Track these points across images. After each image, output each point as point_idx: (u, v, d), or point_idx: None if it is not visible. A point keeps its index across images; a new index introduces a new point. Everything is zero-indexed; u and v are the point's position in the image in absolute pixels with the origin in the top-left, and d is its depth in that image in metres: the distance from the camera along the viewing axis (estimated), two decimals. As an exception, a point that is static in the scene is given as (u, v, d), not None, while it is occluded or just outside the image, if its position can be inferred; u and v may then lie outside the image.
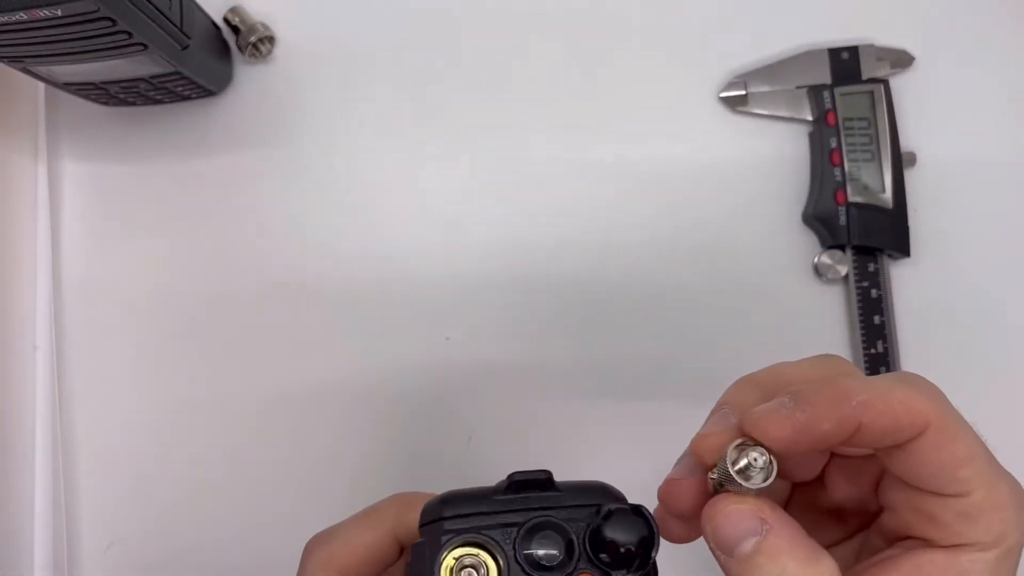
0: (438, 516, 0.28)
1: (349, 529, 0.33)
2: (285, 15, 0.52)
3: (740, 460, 0.26)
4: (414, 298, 0.50)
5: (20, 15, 0.35)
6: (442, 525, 0.28)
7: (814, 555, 0.26)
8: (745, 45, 0.51)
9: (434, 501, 0.29)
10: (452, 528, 0.27)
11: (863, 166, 0.49)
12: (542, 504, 0.28)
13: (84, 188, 0.51)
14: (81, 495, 0.49)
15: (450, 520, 0.28)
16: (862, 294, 0.49)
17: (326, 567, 0.33)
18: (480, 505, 0.28)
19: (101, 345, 0.50)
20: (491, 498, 0.28)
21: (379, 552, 0.33)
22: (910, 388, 0.26)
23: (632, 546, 0.27)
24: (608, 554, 0.27)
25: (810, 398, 0.26)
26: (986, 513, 0.26)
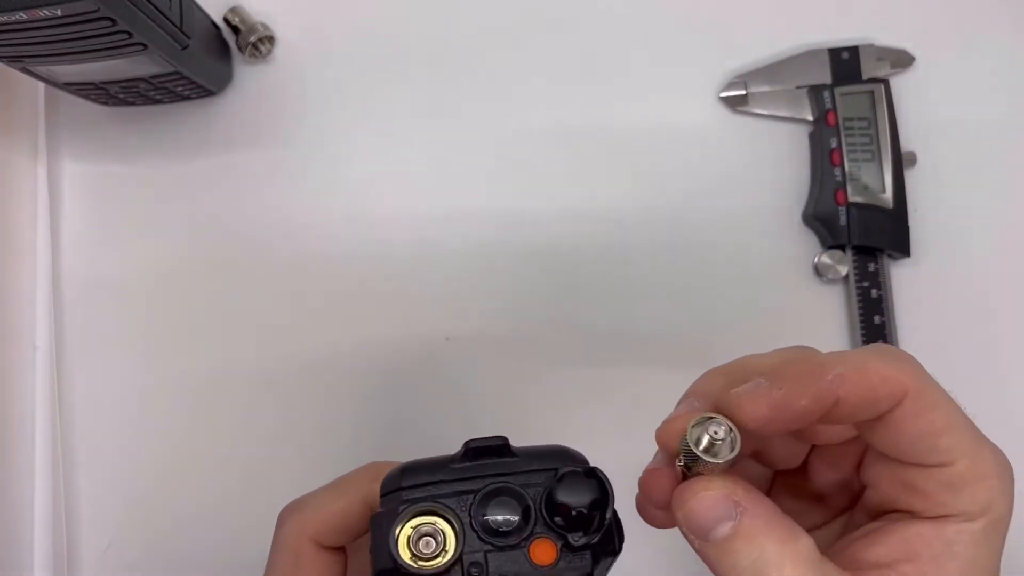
0: (396, 486, 0.28)
1: (321, 497, 0.34)
2: (285, 15, 0.52)
3: (702, 437, 0.26)
4: (414, 297, 0.50)
5: (20, 15, 0.35)
6: (400, 495, 0.28)
7: (792, 534, 0.26)
8: (745, 45, 0.51)
9: (393, 471, 0.29)
10: (409, 498, 0.28)
11: (863, 166, 0.49)
12: (499, 471, 0.28)
13: (84, 188, 0.51)
14: (81, 495, 0.49)
15: (408, 490, 0.28)
16: (862, 294, 0.49)
17: (299, 535, 0.33)
18: (437, 473, 0.28)
19: (100, 344, 0.50)
20: (448, 466, 0.28)
21: (351, 519, 0.33)
22: (885, 358, 0.26)
23: (584, 508, 0.27)
24: (562, 517, 0.27)
25: (786, 375, 0.26)
26: (970, 483, 0.26)
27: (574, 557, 0.27)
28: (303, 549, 0.33)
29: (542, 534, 0.27)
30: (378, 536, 0.28)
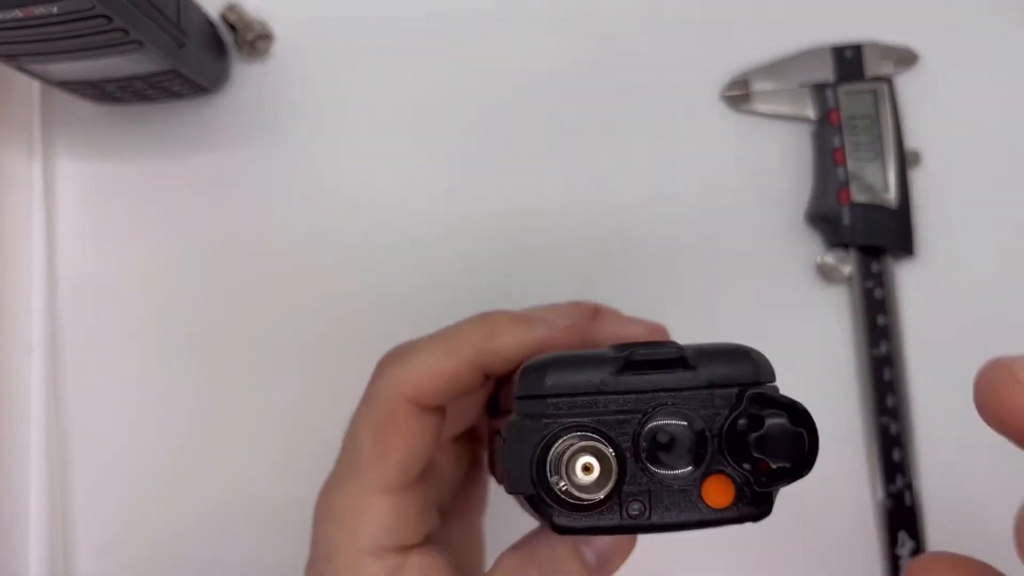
0: (539, 391, 0.24)
1: (427, 353, 0.31)
2: (283, 13, 0.51)
3: None
4: (413, 296, 0.50)
5: (16, 12, 0.34)
6: (545, 405, 0.23)
7: None
8: (747, 43, 0.51)
9: (535, 366, 0.24)
10: (556, 413, 0.23)
11: (867, 165, 0.49)
12: (669, 385, 0.23)
13: (79, 186, 0.51)
14: (77, 499, 0.48)
15: (554, 399, 0.23)
16: (865, 294, 0.49)
17: (396, 392, 0.31)
18: (592, 383, 0.23)
19: (97, 344, 0.50)
20: (606, 374, 0.23)
21: (457, 381, 0.31)
22: None
23: (785, 465, 0.22)
24: (752, 467, 0.22)
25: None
26: None
27: (755, 498, 0.23)
28: (398, 408, 0.31)
29: (719, 470, 0.23)
30: (515, 451, 0.23)
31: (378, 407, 0.32)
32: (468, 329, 0.31)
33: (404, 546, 0.32)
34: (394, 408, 0.31)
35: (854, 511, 0.49)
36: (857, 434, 0.49)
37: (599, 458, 0.22)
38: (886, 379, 0.48)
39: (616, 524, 0.23)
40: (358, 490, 0.32)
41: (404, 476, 0.32)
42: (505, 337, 0.30)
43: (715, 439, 0.23)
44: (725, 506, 0.23)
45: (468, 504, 0.39)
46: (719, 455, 0.23)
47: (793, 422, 0.22)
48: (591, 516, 0.23)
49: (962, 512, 0.48)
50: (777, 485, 0.22)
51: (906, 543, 0.47)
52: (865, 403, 0.48)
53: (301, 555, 0.47)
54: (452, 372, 0.31)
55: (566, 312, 0.33)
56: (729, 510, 0.23)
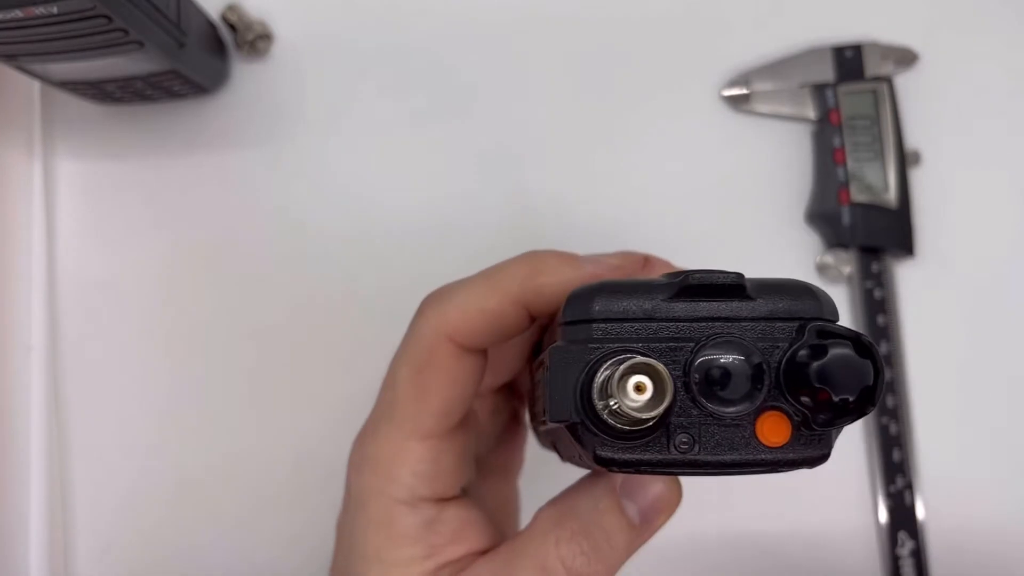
0: (587, 316, 0.22)
1: (469, 291, 0.30)
2: (283, 13, 0.51)
3: None
4: (412, 295, 0.50)
5: (16, 12, 0.34)
6: (591, 330, 0.22)
7: None
8: (748, 43, 0.51)
9: (584, 290, 0.23)
10: (604, 338, 0.22)
11: (867, 165, 0.49)
12: (726, 314, 0.22)
13: (79, 186, 0.51)
14: (77, 500, 0.48)
15: (601, 323, 0.22)
16: (865, 294, 0.49)
17: (437, 331, 0.30)
18: (643, 308, 0.22)
19: (96, 344, 0.50)
20: (658, 301, 0.22)
21: (501, 320, 0.29)
22: None
23: (848, 397, 0.20)
24: (812, 400, 0.21)
25: None
26: None
27: (812, 439, 0.21)
28: (439, 348, 0.30)
29: (775, 406, 0.21)
30: (560, 378, 0.22)
31: (418, 347, 0.30)
32: (512, 267, 0.30)
33: (440, 498, 0.30)
34: (434, 347, 0.30)
35: (854, 511, 0.49)
36: (857, 434, 0.49)
37: (652, 377, 0.20)
38: (887, 380, 0.48)
39: (662, 458, 0.21)
40: (395, 435, 0.30)
41: (443, 421, 0.30)
42: (551, 274, 0.29)
43: (773, 373, 0.21)
44: (780, 445, 0.21)
45: (505, 461, 0.38)
46: (776, 391, 0.21)
47: (859, 353, 0.20)
48: (636, 448, 0.21)
49: (962, 512, 0.48)
50: (838, 423, 0.21)
51: (906, 543, 0.47)
52: (865, 403, 0.48)
53: (304, 555, 0.47)
54: (495, 310, 0.29)
55: (616, 256, 0.32)
56: (784, 450, 0.21)
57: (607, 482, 0.28)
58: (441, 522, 0.30)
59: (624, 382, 0.20)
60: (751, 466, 0.21)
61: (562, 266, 0.29)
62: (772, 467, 0.21)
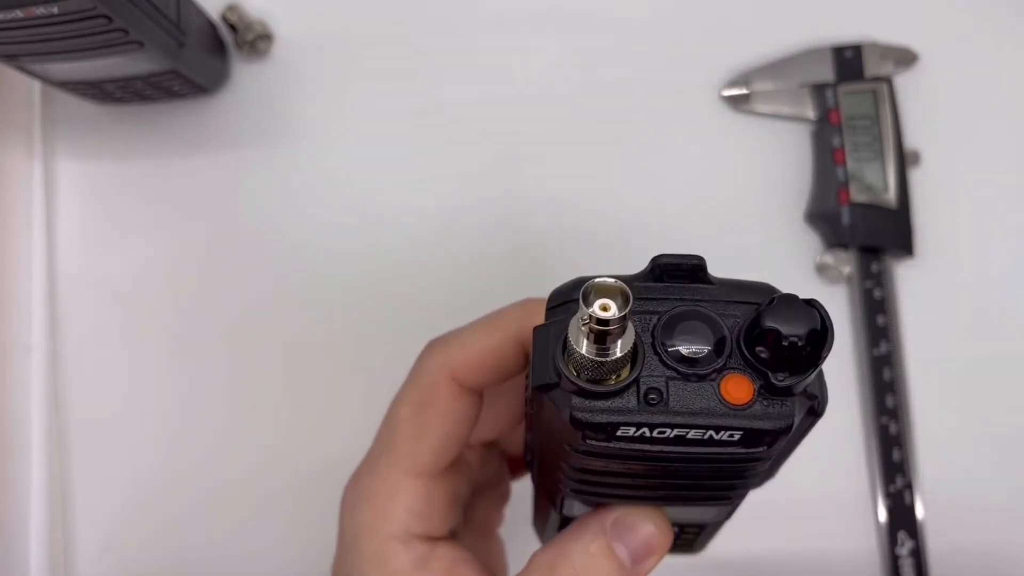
0: (568, 298, 0.24)
1: (470, 332, 0.32)
2: (283, 13, 0.51)
3: None
4: (413, 295, 0.50)
5: (16, 12, 0.34)
6: (570, 307, 0.24)
7: None
8: (748, 43, 0.51)
9: (566, 284, 0.25)
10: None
11: (866, 165, 0.49)
12: (691, 295, 0.24)
13: (79, 186, 0.51)
14: (77, 498, 0.48)
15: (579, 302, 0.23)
16: (865, 294, 0.49)
17: (440, 368, 0.31)
18: None
19: (96, 344, 0.50)
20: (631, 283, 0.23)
21: (501, 358, 0.31)
22: None
23: (798, 338, 0.21)
24: (766, 348, 0.22)
25: None
26: None
27: (773, 402, 0.22)
28: (441, 385, 0.31)
29: (737, 369, 0.22)
30: (541, 346, 0.24)
31: (420, 385, 0.32)
32: (510, 310, 0.32)
33: (431, 536, 0.32)
34: (437, 385, 0.31)
35: (854, 511, 0.49)
36: (857, 434, 0.49)
37: (611, 293, 0.21)
38: (886, 379, 0.48)
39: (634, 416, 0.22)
40: (393, 471, 0.32)
41: (439, 460, 0.32)
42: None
43: (733, 341, 0.23)
44: (744, 403, 0.22)
45: (487, 515, 0.39)
46: (738, 357, 0.23)
47: (806, 302, 0.22)
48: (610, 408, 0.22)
49: (961, 512, 0.48)
50: (794, 376, 0.22)
51: (906, 543, 0.47)
52: (865, 403, 0.48)
53: (304, 554, 0.47)
54: (496, 347, 0.31)
55: None
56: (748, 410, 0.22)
57: (597, 525, 0.29)
58: (434, 559, 0.31)
59: (589, 307, 0.21)
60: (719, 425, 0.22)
61: None
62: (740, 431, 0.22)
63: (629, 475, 0.25)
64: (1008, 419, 0.49)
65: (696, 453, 0.23)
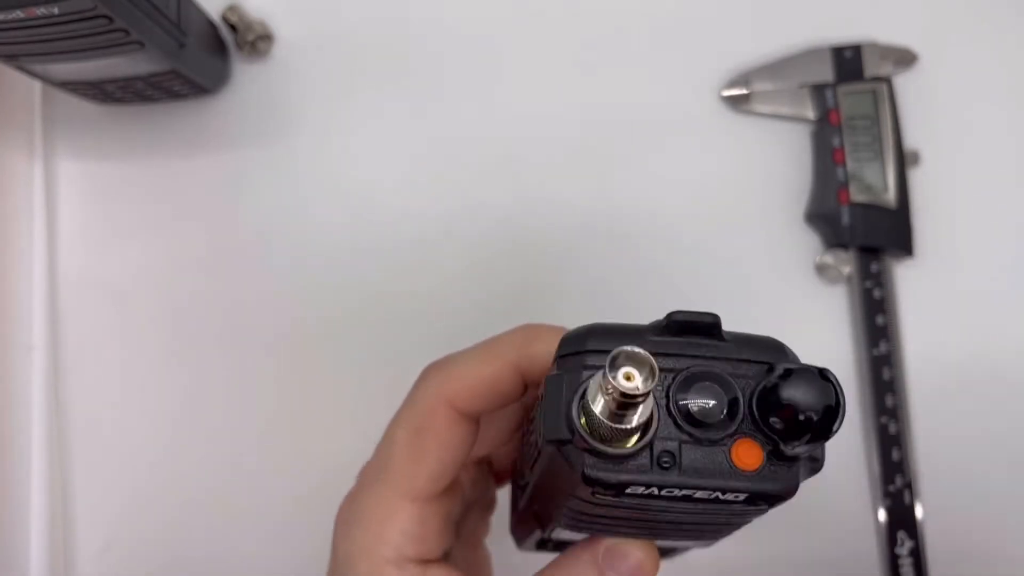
0: (580, 348, 0.24)
1: (467, 359, 0.32)
2: (284, 13, 0.51)
3: None
4: (413, 295, 0.50)
5: (17, 13, 0.34)
6: (583, 359, 0.24)
7: None
8: (747, 43, 0.51)
9: (578, 331, 0.25)
10: (596, 364, 0.23)
11: (866, 165, 0.49)
12: (706, 353, 0.24)
13: (80, 186, 0.51)
14: (77, 497, 0.49)
15: (594, 355, 0.24)
16: (865, 294, 0.49)
17: (437, 394, 0.31)
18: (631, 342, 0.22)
19: (97, 344, 0.50)
20: (645, 337, 0.24)
21: (498, 385, 0.31)
22: None
23: (814, 414, 0.22)
24: (781, 419, 0.22)
25: None
26: None
27: (780, 466, 0.23)
28: (438, 411, 0.31)
29: (749, 434, 0.23)
30: (555, 399, 0.23)
31: (417, 410, 0.32)
32: (509, 336, 0.32)
33: (425, 559, 0.32)
34: (434, 411, 0.31)
35: (854, 510, 0.49)
36: (856, 434, 0.49)
37: (638, 364, 0.21)
38: (885, 379, 0.48)
39: (646, 476, 0.22)
40: (388, 494, 0.32)
41: (434, 484, 0.32)
42: (543, 342, 0.30)
43: (746, 404, 0.23)
44: (753, 469, 0.23)
45: (475, 527, 0.39)
46: (749, 421, 0.23)
47: (822, 377, 0.22)
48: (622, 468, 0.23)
49: (961, 511, 0.48)
50: (805, 445, 0.22)
51: (905, 542, 0.47)
52: (864, 403, 0.49)
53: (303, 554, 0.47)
54: (494, 375, 0.31)
55: None
56: (757, 476, 0.23)
57: (590, 554, 0.29)
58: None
59: (614, 375, 0.21)
60: (727, 487, 0.23)
61: (553, 335, 0.30)
62: (746, 494, 0.23)
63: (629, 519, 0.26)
64: (1007, 419, 0.49)
65: (700, 509, 0.24)
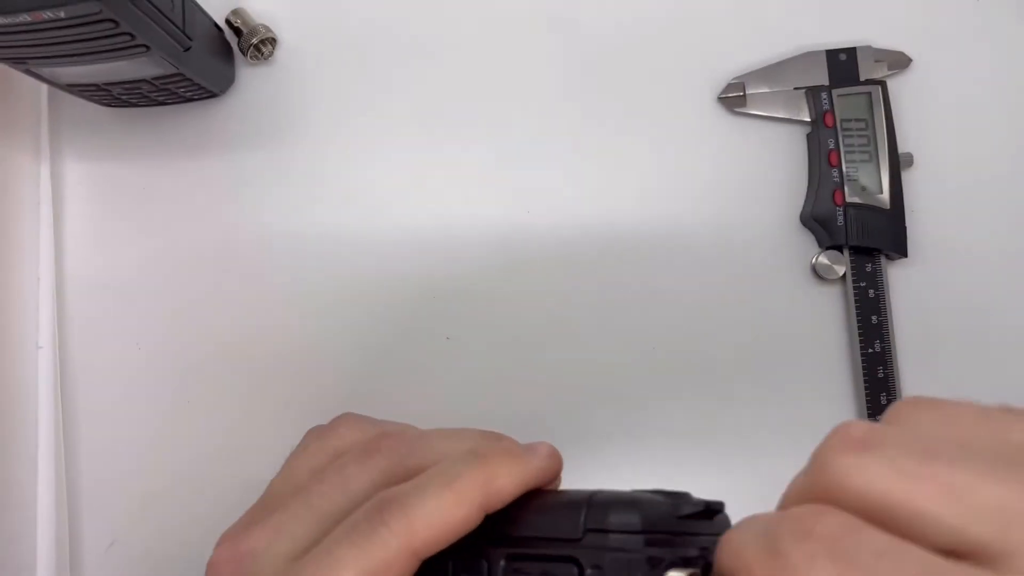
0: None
1: (431, 502, 0.29)
2: (287, 17, 0.52)
3: None
4: (414, 297, 0.50)
5: (24, 17, 0.35)
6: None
7: None
8: (743, 46, 0.52)
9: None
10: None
11: (861, 167, 0.49)
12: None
13: (87, 189, 0.51)
14: (83, 494, 0.49)
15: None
16: (859, 294, 0.49)
17: (400, 548, 0.28)
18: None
19: (103, 344, 0.50)
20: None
21: (464, 527, 0.29)
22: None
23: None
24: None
25: None
26: None
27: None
28: (399, 564, 0.28)
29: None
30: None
31: (376, 558, 0.28)
32: (468, 475, 0.30)
33: None
34: (395, 563, 0.28)
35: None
36: (851, 432, 0.49)
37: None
38: (879, 377, 0.48)
39: None
40: None
41: None
42: (506, 477, 0.30)
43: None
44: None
45: None
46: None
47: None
48: None
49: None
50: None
51: (900, 540, 0.48)
52: (859, 401, 0.49)
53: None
54: (464, 520, 0.29)
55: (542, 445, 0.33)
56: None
57: None
58: None
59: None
60: None
61: (514, 467, 0.30)
62: None
63: None
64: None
65: None
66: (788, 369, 0.50)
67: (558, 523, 0.28)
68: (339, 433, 0.37)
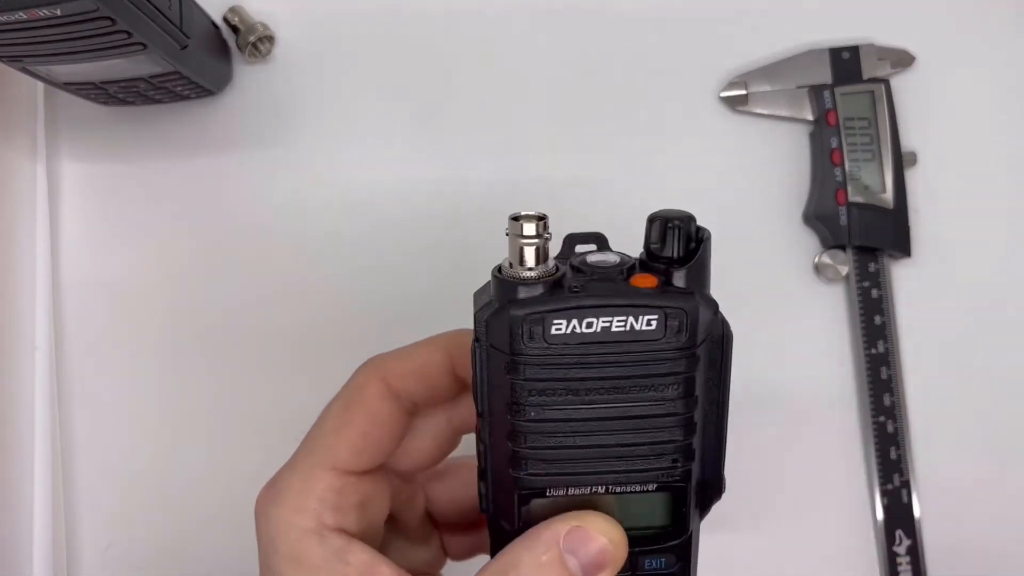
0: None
1: (403, 347, 0.34)
2: (285, 15, 0.52)
3: None
4: (414, 295, 0.50)
5: (20, 14, 0.34)
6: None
7: None
8: (746, 45, 0.51)
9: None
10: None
11: (864, 166, 0.49)
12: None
13: (83, 187, 0.51)
14: (80, 496, 0.49)
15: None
16: (863, 294, 0.49)
17: (369, 371, 0.33)
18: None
19: (100, 345, 0.50)
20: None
21: (429, 368, 0.33)
22: None
23: (678, 221, 0.30)
24: (657, 238, 0.30)
25: None
26: None
27: (675, 291, 0.28)
28: (369, 385, 0.33)
29: (642, 272, 0.29)
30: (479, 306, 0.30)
31: (350, 386, 0.33)
32: (445, 333, 0.34)
33: (344, 530, 0.31)
34: (365, 385, 0.33)
35: (852, 509, 0.49)
36: (854, 433, 0.49)
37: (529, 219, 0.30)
38: (883, 378, 0.48)
39: (561, 302, 0.27)
40: (307, 463, 0.32)
41: (357, 459, 0.32)
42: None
43: (637, 260, 0.30)
44: (651, 287, 0.28)
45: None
46: (640, 267, 0.29)
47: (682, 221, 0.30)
48: (540, 299, 0.28)
49: (959, 510, 0.49)
50: (682, 263, 0.29)
51: (903, 541, 0.48)
52: (862, 402, 0.49)
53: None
54: (427, 357, 0.33)
55: None
56: (656, 294, 0.28)
57: (550, 536, 0.29)
58: (351, 553, 0.31)
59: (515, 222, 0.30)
60: (632, 303, 0.28)
61: None
62: (648, 308, 0.28)
63: (571, 421, 0.28)
64: (1004, 418, 0.50)
65: (623, 353, 0.28)
66: (790, 369, 0.50)
67: None
68: None
